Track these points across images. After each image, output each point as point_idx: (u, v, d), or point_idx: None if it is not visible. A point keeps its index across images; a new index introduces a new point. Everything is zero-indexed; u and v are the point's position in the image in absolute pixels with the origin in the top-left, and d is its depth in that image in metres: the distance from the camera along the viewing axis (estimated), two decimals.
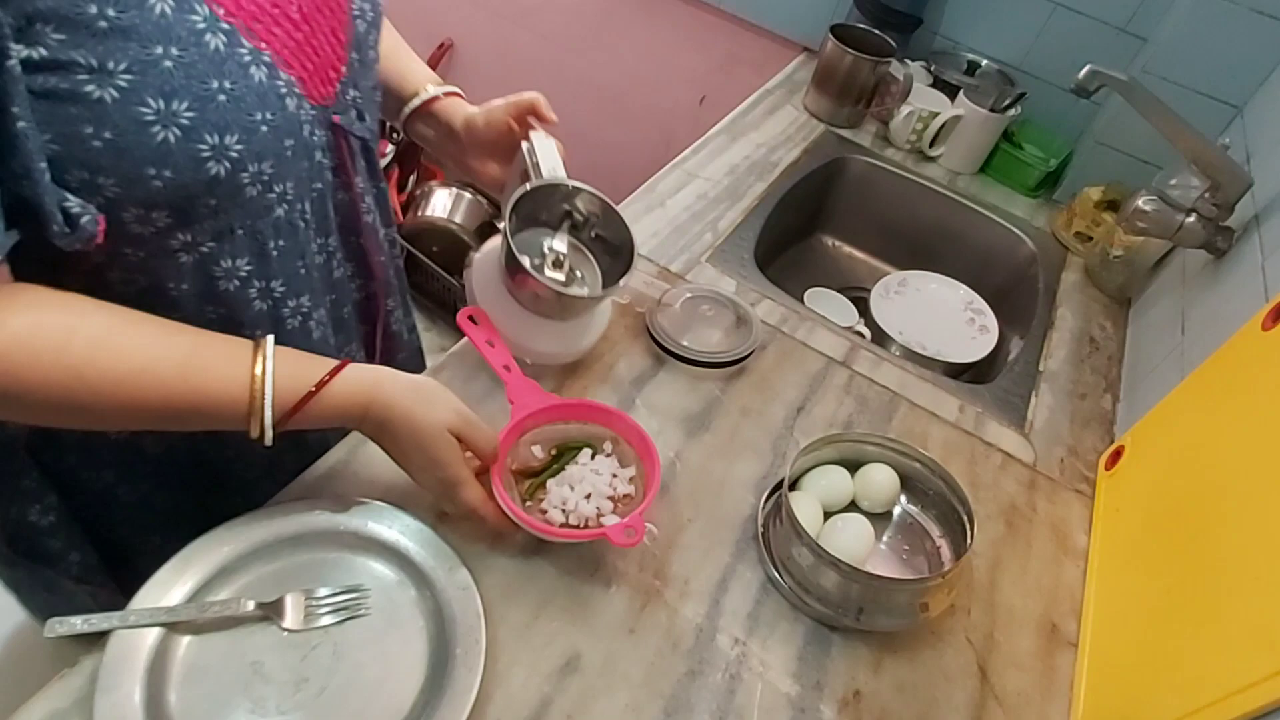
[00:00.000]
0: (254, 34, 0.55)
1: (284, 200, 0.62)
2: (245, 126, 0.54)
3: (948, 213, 1.34)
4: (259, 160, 0.56)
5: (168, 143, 0.51)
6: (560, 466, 0.71)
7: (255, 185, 0.58)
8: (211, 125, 0.52)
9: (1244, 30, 1.11)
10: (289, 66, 0.58)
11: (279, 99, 0.57)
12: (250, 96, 0.54)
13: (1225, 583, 0.63)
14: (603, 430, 0.74)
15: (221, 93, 0.52)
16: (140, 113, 0.49)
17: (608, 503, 0.69)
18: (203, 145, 0.52)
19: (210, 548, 0.62)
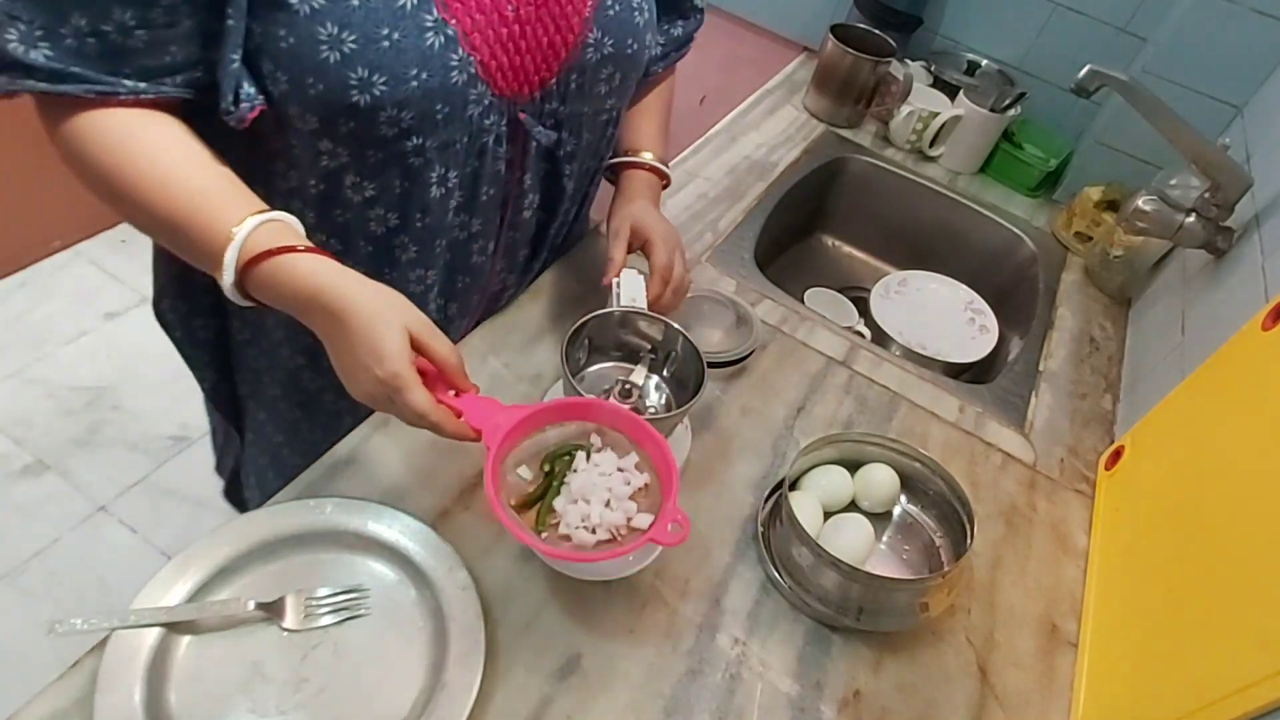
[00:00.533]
0: (449, 9, 0.62)
1: (421, 153, 0.66)
2: (396, 74, 0.60)
3: (948, 213, 1.34)
4: (399, 107, 0.62)
5: (327, 62, 0.58)
6: (560, 482, 0.62)
7: (392, 127, 0.63)
8: (366, 61, 0.59)
9: (1244, 30, 1.11)
10: (474, 49, 0.64)
11: (444, 67, 0.62)
12: (413, 52, 0.60)
13: (1225, 583, 0.63)
14: (582, 425, 0.65)
15: (387, 40, 0.59)
16: (318, 31, 0.57)
17: (631, 503, 0.61)
18: (352, 74, 0.59)
19: (210, 548, 0.62)
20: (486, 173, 0.73)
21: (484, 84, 0.66)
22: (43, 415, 1.79)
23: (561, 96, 0.73)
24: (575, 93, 0.74)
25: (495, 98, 0.68)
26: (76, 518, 1.64)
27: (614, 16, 0.72)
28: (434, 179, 0.69)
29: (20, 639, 1.43)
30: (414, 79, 0.61)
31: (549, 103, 0.73)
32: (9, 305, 1.99)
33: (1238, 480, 0.68)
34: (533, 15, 0.67)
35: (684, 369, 0.77)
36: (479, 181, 0.73)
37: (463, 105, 0.66)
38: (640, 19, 0.75)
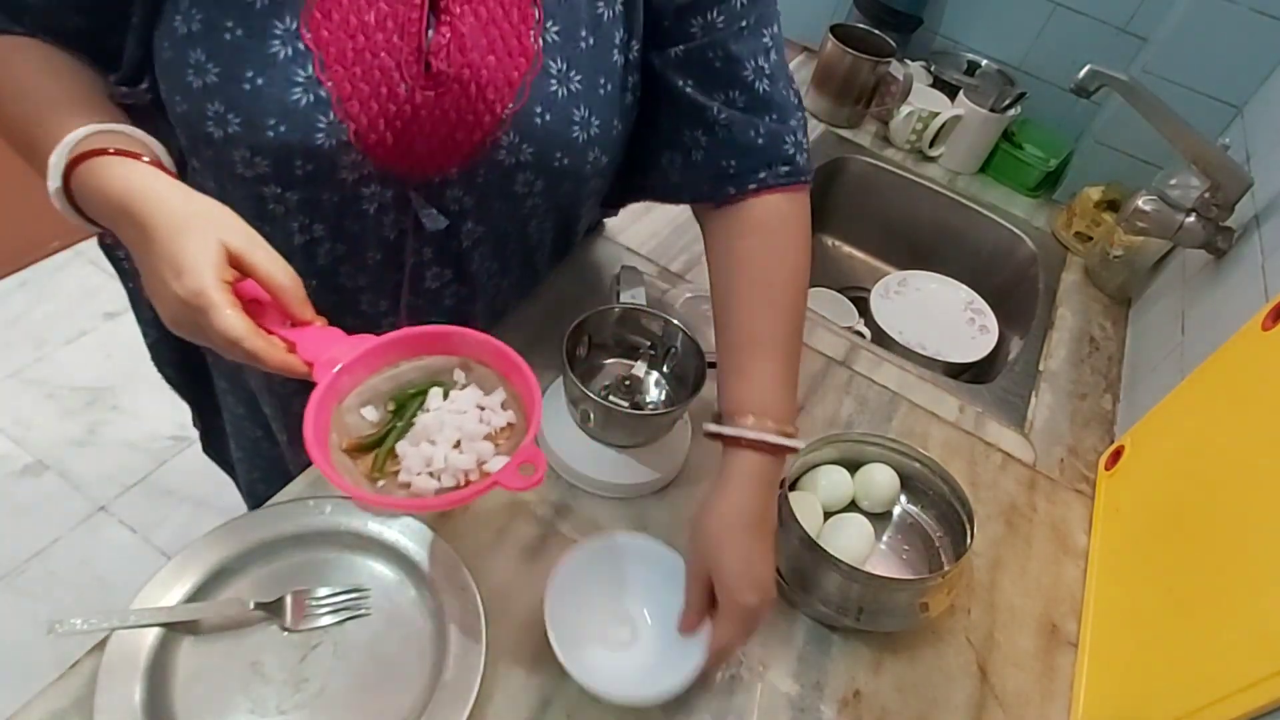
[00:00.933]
0: (328, 72, 0.58)
1: (280, 201, 0.63)
2: (251, 121, 0.57)
3: (948, 213, 1.34)
4: (253, 152, 0.59)
5: (191, 86, 0.57)
6: (406, 423, 0.54)
7: (247, 169, 0.60)
8: (224, 97, 0.57)
9: (1244, 30, 1.11)
10: (350, 118, 0.59)
11: (308, 127, 0.58)
12: (272, 105, 0.57)
13: (1225, 583, 0.63)
14: (446, 360, 0.56)
15: (247, 83, 0.57)
16: (188, 54, 0.57)
17: (486, 444, 0.54)
18: (210, 105, 0.57)
19: (210, 547, 0.62)
20: (370, 238, 0.68)
21: (359, 154, 0.60)
22: (43, 415, 1.79)
23: (466, 186, 0.66)
24: (483, 186, 0.66)
25: (377, 170, 0.62)
26: (76, 518, 1.64)
27: (540, 125, 0.63)
28: (296, 227, 0.66)
29: (20, 639, 1.43)
30: (270, 129, 0.58)
31: (449, 189, 0.65)
32: (9, 305, 1.99)
33: (1238, 480, 0.68)
34: (430, 101, 0.60)
35: (684, 365, 0.78)
36: (362, 242, 0.68)
37: (331, 167, 0.61)
38: (581, 134, 0.64)
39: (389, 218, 0.67)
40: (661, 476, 0.76)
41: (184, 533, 1.64)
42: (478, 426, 0.54)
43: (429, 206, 0.66)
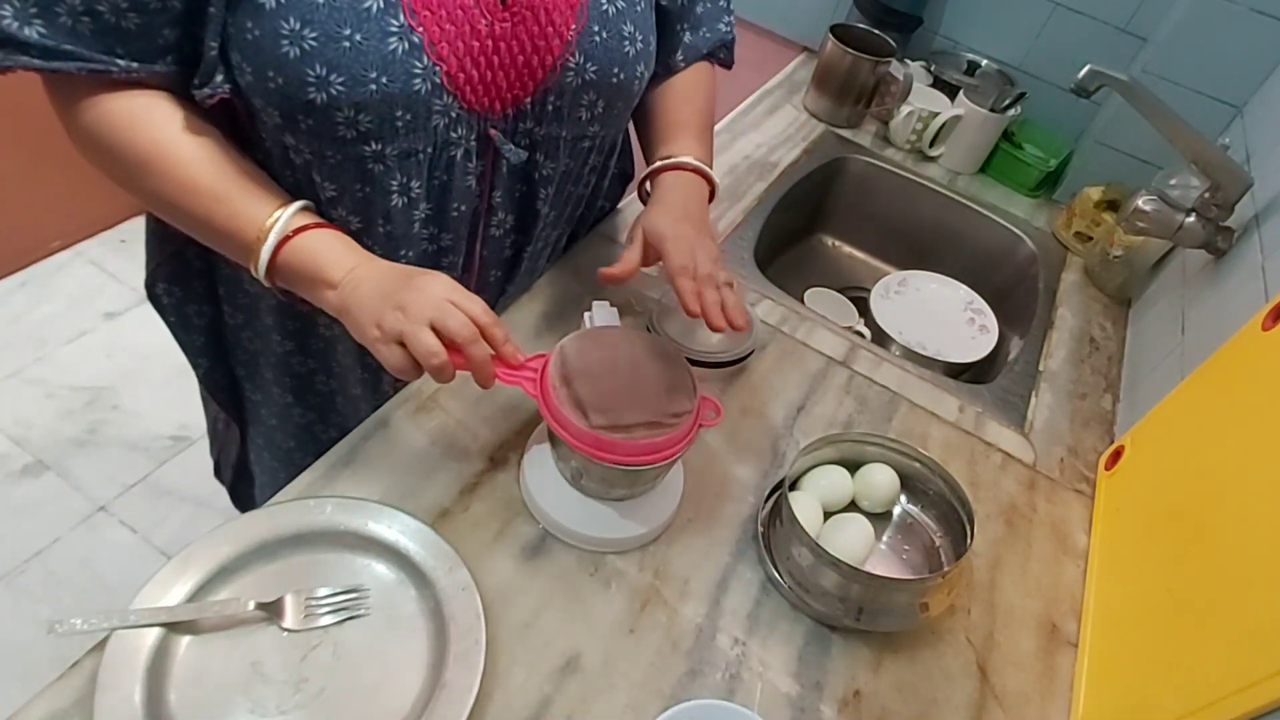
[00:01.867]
0: (417, 16, 0.61)
1: (381, 159, 0.66)
2: (355, 76, 0.60)
3: (948, 213, 1.34)
4: (356, 109, 0.62)
5: (287, 57, 0.59)
6: None
7: (350, 129, 0.63)
8: (325, 59, 0.59)
9: (1244, 30, 1.11)
10: (441, 59, 0.63)
11: (405, 74, 0.62)
12: (373, 55, 0.60)
13: (1225, 583, 0.63)
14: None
15: (348, 41, 0.59)
16: (281, 25, 0.58)
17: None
18: (310, 71, 0.59)
19: (210, 547, 0.62)
20: (456, 187, 0.72)
21: (450, 95, 0.65)
22: (43, 415, 1.79)
23: (537, 117, 0.71)
24: (552, 115, 0.72)
25: (464, 110, 0.67)
26: (76, 518, 1.64)
27: (600, 43, 0.70)
28: (395, 187, 0.69)
29: (20, 639, 1.43)
30: (373, 82, 0.61)
31: (523, 122, 0.71)
32: (9, 305, 1.99)
33: (1238, 480, 0.68)
34: (508, 32, 0.65)
35: None
36: (448, 195, 0.72)
37: (426, 114, 0.65)
38: (630, 49, 0.72)
39: (473, 163, 0.71)
40: (650, 531, 0.71)
41: (184, 533, 1.64)
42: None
43: (507, 142, 0.71)
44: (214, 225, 0.65)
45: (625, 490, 0.69)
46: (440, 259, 0.78)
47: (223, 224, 0.64)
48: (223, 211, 0.64)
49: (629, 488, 0.69)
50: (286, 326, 0.84)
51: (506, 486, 0.73)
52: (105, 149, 0.63)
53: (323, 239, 0.65)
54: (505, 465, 0.74)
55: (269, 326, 0.85)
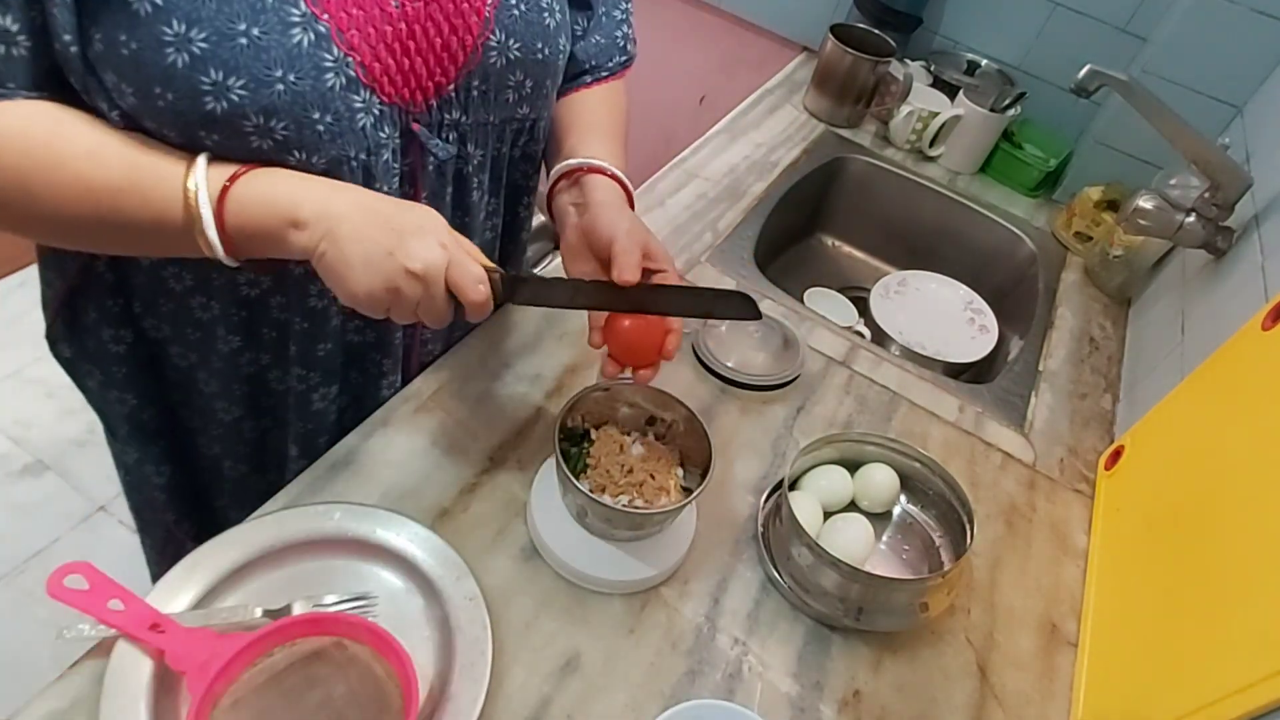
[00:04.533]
0: (319, 3, 0.55)
1: (307, 169, 0.59)
2: (257, 76, 0.53)
3: (948, 213, 1.34)
4: (267, 116, 0.55)
5: (175, 66, 0.52)
6: None
7: (264, 140, 0.56)
8: (220, 62, 0.52)
9: (1244, 30, 1.11)
10: (353, 49, 0.57)
11: (315, 69, 0.55)
12: (276, 50, 0.53)
13: (1225, 583, 0.63)
14: (319, 641, 0.59)
15: (244, 36, 0.52)
16: (162, 32, 0.51)
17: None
18: (204, 78, 0.52)
19: (217, 553, 0.61)
20: (386, 192, 0.64)
21: (368, 89, 0.59)
22: (43, 415, 1.79)
23: (463, 105, 0.66)
24: (479, 100, 0.66)
25: (385, 106, 0.60)
26: (76, 517, 1.64)
27: (519, 17, 0.65)
28: None
29: (20, 639, 1.43)
30: (279, 81, 0.54)
31: (448, 112, 0.65)
32: (9, 305, 1.99)
33: (1238, 480, 0.68)
34: (421, 13, 0.59)
35: (685, 444, 0.72)
36: None
37: (349, 115, 0.58)
38: (551, 20, 0.68)
39: (398, 163, 0.65)
40: (660, 573, 0.69)
41: None
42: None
43: (434, 137, 0.65)
44: (133, 220, 0.55)
45: (631, 532, 0.67)
46: None
47: (139, 214, 0.55)
48: (134, 202, 0.55)
49: (634, 530, 0.67)
50: (229, 321, 0.72)
51: (506, 486, 0.73)
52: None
53: (265, 179, 0.56)
54: (505, 465, 0.74)
55: (206, 323, 0.72)
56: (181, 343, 0.75)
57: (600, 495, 0.66)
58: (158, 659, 0.55)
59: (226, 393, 0.77)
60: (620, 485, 0.68)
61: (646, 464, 0.69)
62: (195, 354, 0.75)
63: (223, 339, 0.73)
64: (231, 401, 0.78)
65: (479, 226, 0.77)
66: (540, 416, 0.80)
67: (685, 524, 0.72)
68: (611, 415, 0.72)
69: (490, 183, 0.75)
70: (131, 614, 0.55)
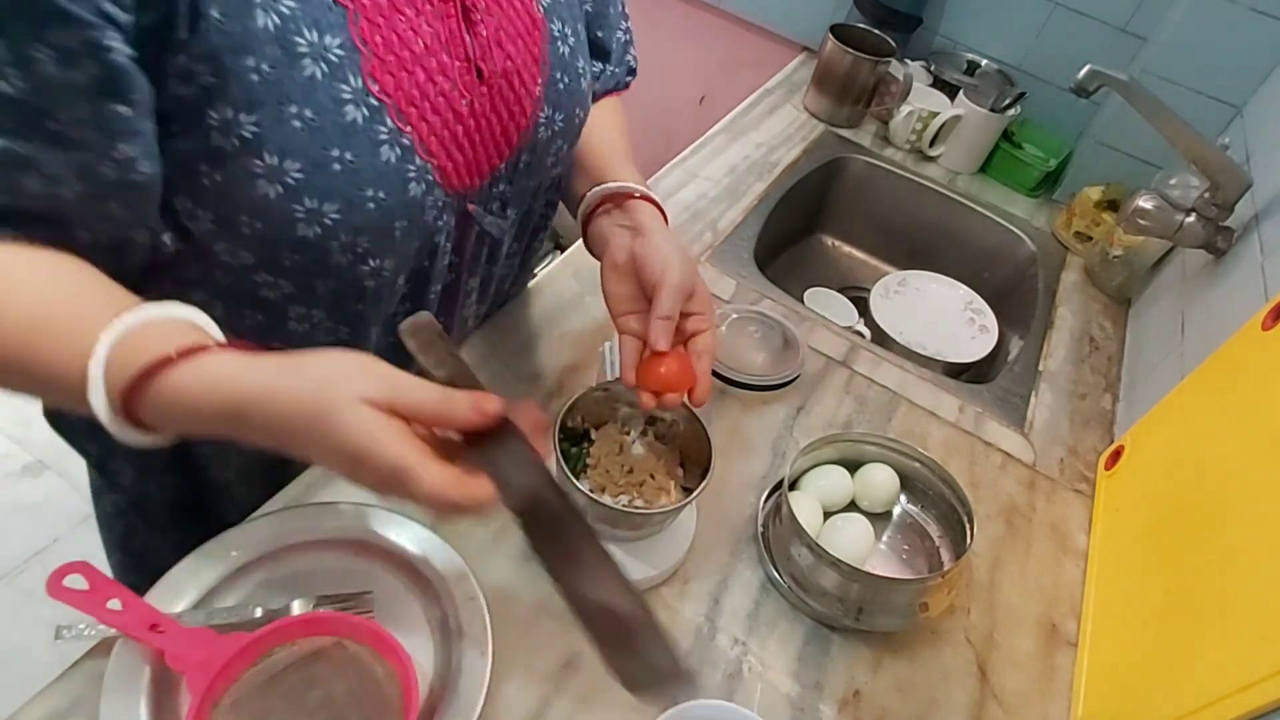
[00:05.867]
0: (404, 116, 0.54)
1: (378, 275, 0.59)
2: (350, 199, 0.53)
3: (948, 213, 1.34)
4: (355, 233, 0.55)
5: (267, 198, 0.51)
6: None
7: (346, 254, 0.56)
8: (316, 190, 0.51)
9: (1244, 30, 1.11)
10: (431, 156, 0.57)
11: (401, 181, 0.55)
12: (369, 172, 0.53)
13: (1225, 582, 0.63)
14: (319, 641, 0.58)
15: (338, 162, 0.51)
16: (253, 165, 0.49)
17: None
18: (299, 207, 0.52)
19: (218, 552, 0.61)
20: (436, 271, 0.66)
21: (440, 188, 0.59)
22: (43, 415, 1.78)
23: (509, 178, 0.66)
24: (524, 171, 0.67)
25: (449, 197, 0.61)
26: (76, 517, 1.64)
27: (563, 90, 0.66)
28: (387, 291, 0.63)
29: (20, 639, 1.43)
30: (370, 200, 0.53)
31: (496, 186, 0.66)
32: None
33: (1238, 480, 0.68)
34: (487, 107, 0.60)
35: (685, 443, 0.72)
36: (427, 280, 0.66)
37: (420, 213, 0.58)
38: (585, 84, 0.69)
39: (450, 243, 0.65)
40: (660, 573, 0.70)
41: None
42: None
43: (486, 215, 0.66)
44: (28, 370, 0.46)
45: (631, 532, 0.67)
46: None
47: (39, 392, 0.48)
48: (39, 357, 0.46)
49: (634, 530, 0.67)
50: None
51: None
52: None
53: (185, 382, 0.45)
54: None
55: None
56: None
57: (600, 495, 0.66)
58: (158, 659, 0.54)
59: (243, 478, 0.75)
60: (620, 485, 0.68)
61: (646, 464, 0.70)
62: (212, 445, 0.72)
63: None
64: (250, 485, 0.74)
65: (500, 270, 0.78)
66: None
67: (685, 524, 0.72)
68: (611, 415, 0.72)
69: (517, 231, 0.76)
70: (131, 614, 0.55)
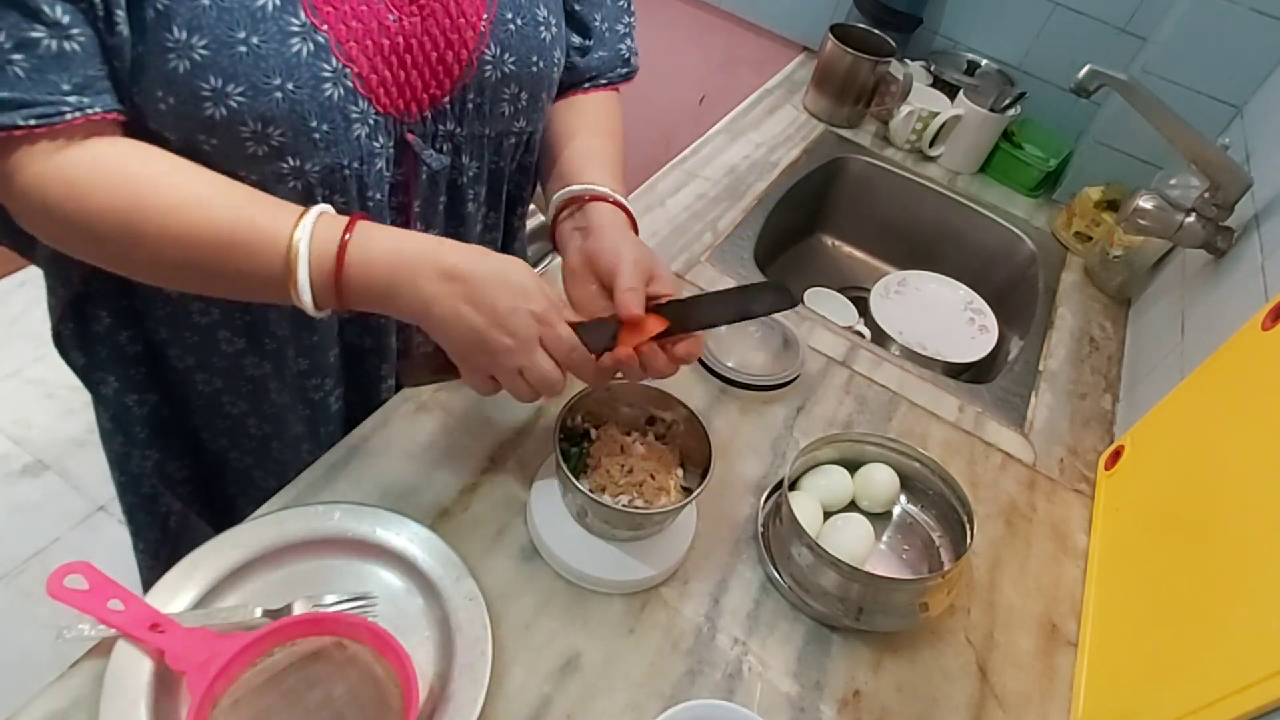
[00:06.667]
0: (320, 15, 0.56)
1: (300, 176, 0.60)
2: (255, 84, 0.54)
3: (948, 213, 1.34)
4: (264, 122, 0.56)
5: (176, 72, 0.53)
6: None
7: (260, 145, 0.57)
8: (220, 70, 0.53)
9: (1244, 30, 1.11)
10: (351, 62, 0.58)
11: (314, 78, 0.56)
12: (275, 59, 0.54)
13: (1225, 582, 0.63)
14: (320, 641, 0.59)
15: (244, 45, 0.53)
16: (164, 38, 0.52)
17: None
18: (204, 85, 0.53)
19: (217, 553, 0.61)
20: (383, 203, 0.66)
21: (365, 100, 0.59)
22: (43, 415, 1.79)
23: (458, 117, 0.66)
24: (473, 113, 0.67)
25: (379, 116, 0.61)
26: (76, 517, 1.64)
27: (515, 31, 0.66)
28: (320, 203, 0.62)
29: (20, 639, 1.43)
30: (277, 90, 0.55)
31: (442, 124, 0.66)
32: (9, 305, 1.99)
33: (1237, 480, 0.68)
34: (418, 27, 0.60)
35: (686, 443, 0.72)
36: (377, 215, 0.66)
37: (345, 124, 0.59)
38: (547, 34, 0.69)
39: (391, 173, 0.66)
40: (660, 573, 0.69)
41: None
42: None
43: (427, 147, 0.66)
44: (233, 272, 0.56)
45: (631, 532, 0.68)
46: None
47: (241, 266, 0.55)
48: (238, 255, 0.55)
49: (634, 530, 0.67)
50: (233, 323, 0.73)
51: (506, 486, 0.73)
52: (68, 216, 0.53)
53: (366, 243, 0.56)
54: (505, 465, 0.74)
55: (205, 327, 0.73)
56: (180, 345, 0.75)
57: (600, 495, 0.66)
58: (158, 659, 0.54)
59: (233, 389, 0.79)
60: (620, 485, 0.68)
61: (646, 464, 0.70)
62: (193, 356, 0.76)
63: (226, 340, 0.74)
64: (237, 397, 0.80)
65: (476, 238, 0.77)
66: (540, 416, 0.80)
67: (685, 524, 0.72)
68: (611, 415, 0.72)
69: (488, 195, 0.76)
70: (131, 614, 0.55)
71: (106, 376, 0.78)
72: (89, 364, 0.78)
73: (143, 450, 0.83)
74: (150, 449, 0.83)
